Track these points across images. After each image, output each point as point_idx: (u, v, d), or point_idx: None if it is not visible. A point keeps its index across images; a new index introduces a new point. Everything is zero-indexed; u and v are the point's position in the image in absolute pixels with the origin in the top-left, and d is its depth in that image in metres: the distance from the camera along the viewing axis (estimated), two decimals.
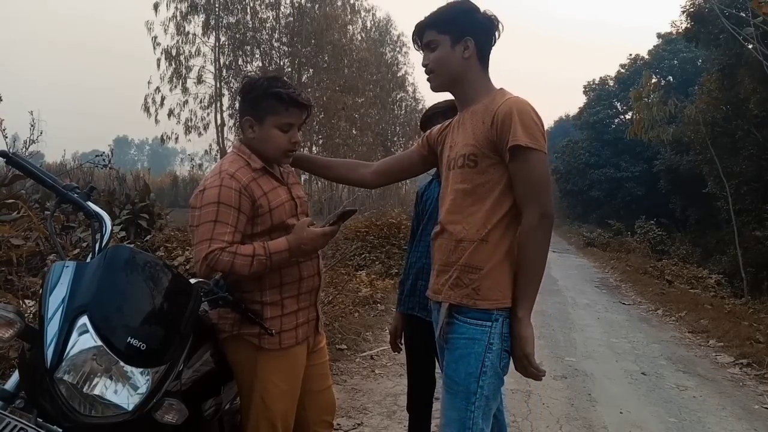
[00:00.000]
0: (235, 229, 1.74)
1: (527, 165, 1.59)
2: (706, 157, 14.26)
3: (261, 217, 1.81)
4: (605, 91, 30.62)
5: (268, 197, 1.82)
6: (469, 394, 1.62)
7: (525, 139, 1.57)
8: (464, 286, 1.65)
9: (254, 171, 1.83)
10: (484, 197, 1.65)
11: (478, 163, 1.66)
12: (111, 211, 6.23)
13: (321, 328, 2.07)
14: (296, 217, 1.93)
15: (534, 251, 1.61)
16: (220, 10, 20.80)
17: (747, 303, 9.44)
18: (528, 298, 1.63)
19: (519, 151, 1.58)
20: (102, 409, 1.32)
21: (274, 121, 1.83)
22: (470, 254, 1.65)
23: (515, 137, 1.57)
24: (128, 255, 1.51)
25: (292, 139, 1.87)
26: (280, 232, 1.84)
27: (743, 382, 4.80)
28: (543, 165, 1.61)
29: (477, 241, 1.65)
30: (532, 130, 1.59)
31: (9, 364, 2.63)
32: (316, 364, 2.04)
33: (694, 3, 13.73)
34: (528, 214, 1.60)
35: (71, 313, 1.34)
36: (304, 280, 1.91)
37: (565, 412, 3.79)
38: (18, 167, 1.65)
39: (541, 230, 1.60)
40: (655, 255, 16.60)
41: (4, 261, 3.68)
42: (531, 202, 1.60)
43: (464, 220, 1.68)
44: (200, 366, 1.75)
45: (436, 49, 1.74)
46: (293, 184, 2.01)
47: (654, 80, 19.80)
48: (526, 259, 1.62)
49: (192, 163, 25.98)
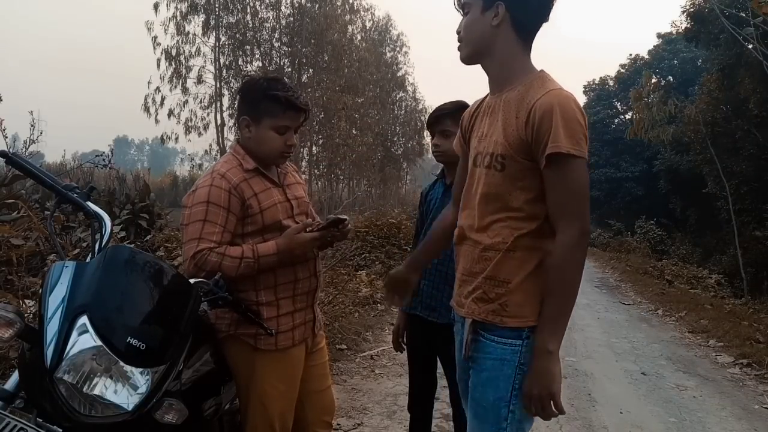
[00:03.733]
0: (224, 228, 1.76)
1: (567, 174, 1.37)
2: (706, 157, 14.27)
3: (251, 217, 1.81)
4: (605, 91, 30.63)
5: (258, 198, 1.82)
6: (499, 419, 1.45)
7: (567, 145, 1.33)
8: (490, 300, 1.46)
9: (246, 171, 1.84)
10: (513, 206, 1.44)
11: (507, 166, 1.43)
12: (111, 211, 6.23)
13: (318, 329, 2.05)
14: (293, 219, 1.92)
15: (571, 272, 1.38)
16: (220, 10, 20.81)
17: (747, 303, 9.45)
18: (560, 327, 1.40)
19: (559, 159, 1.35)
20: (102, 409, 1.32)
21: (271, 123, 1.84)
22: (496, 265, 1.45)
23: (556, 142, 1.34)
24: (128, 255, 1.51)
25: (288, 142, 1.88)
26: (274, 232, 1.84)
27: (743, 382, 4.80)
28: (584, 174, 1.39)
29: (503, 251, 1.45)
30: (575, 134, 1.35)
31: (9, 364, 2.63)
32: (316, 365, 2.05)
33: (694, 3, 13.75)
34: (565, 229, 1.38)
35: (71, 312, 1.34)
36: (300, 281, 1.91)
37: (565, 412, 3.79)
38: (18, 167, 1.65)
39: (579, 249, 1.39)
40: (655, 255, 16.62)
41: (4, 261, 3.68)
42: (569, 215, 1.38)
43: (489, 228, 1.48)
44: (200, 366, 1.75)
45: (468, 13, 1.52)
46: (291, 185, 2.00)
47: (654, 80, 19.81)
48: (562, 280, 1.38)
49: (192, 163, 26.05)
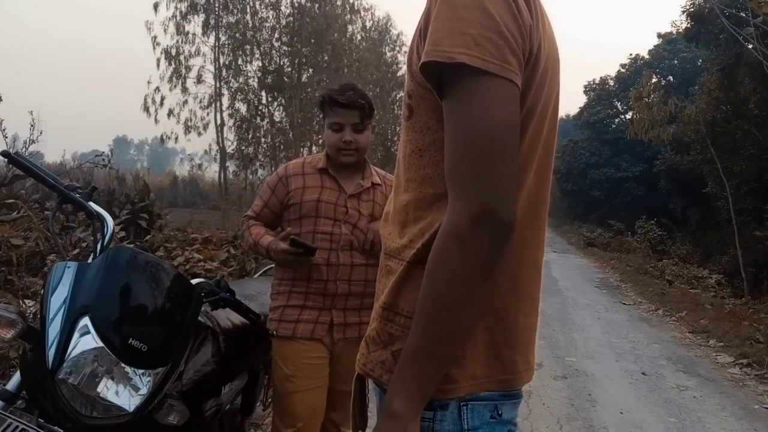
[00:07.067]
0: (264, 204, 2.09)
1: (455, 104, 0.81)
2: (707, 157, 14.26)
3: (292, 206, 2.02)
4: (605, 91, 30.64)
5: (303, 191, 2.02)
6: None
7: (448, 47, 0.78)
8: (381, 344, 0.91)
9: (313, 168, 2.06)
10: (423, 175, 0.90)
11: (414, 109, 0.90)
12: (111, 210, 6.21)
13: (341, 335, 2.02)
14: (336, 222, 2.00)
15: (444, 281, 0.80)
16: (220, 10, 20.79)
17: (747, 303, 9.45)
18: (414, 373, 0.83)
19: (444, 78, 0.81)
20: (103, 410, 1.32)
21: (328, 123, 2.04)
22: (394, 285, 0.90)
23: (429, 45, 0.80)
24: (130, 256, 1.51)
25: (343, 138, 1.99)
26: (309, 224, 2.01)
27: (743, 382, 4.80)
28: (492, 105, 0.78)
29: (406, 261, 0.89)
30: (468, 25, 0.78)
31: (9, 364, 2.64)
32: (344, 366, 2.02)
33: (694, 3, 13.76)
34: (450, 209, 0.81)
35: (73, 314, 1.34)
36: (313, 281, 1.99)
37: (565, 412, 3.79)
38: (20, 167, 1.65)
39: (465, 244, 0.78)
40: (655, 255, 16.61)
41: (4, 261, 3.69)
42: (455, 184, 0.81)
43: (393, 218, 0.97)
44: (201, 366, 1.75)
45: None
46: (365, 201, 2.05)
47: (654, 80, 19.84)
48: (428, 297, 0.82)
49: (192, 163, 25.96)
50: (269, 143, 20.15)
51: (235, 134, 20.87)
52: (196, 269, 5.50)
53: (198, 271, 5.44)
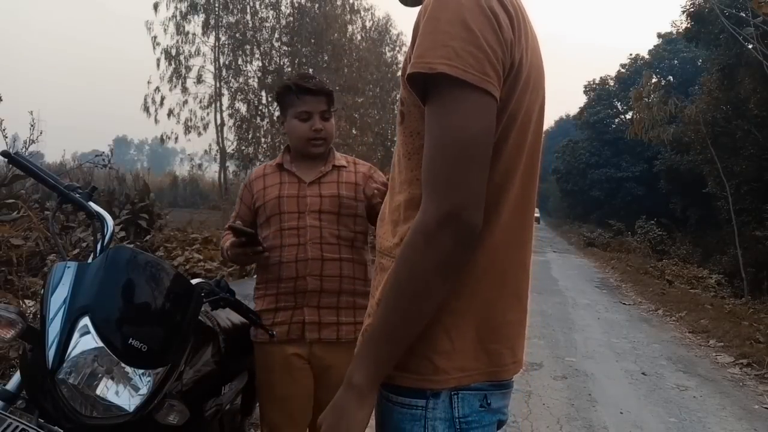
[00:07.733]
0: (237, 215, 2.04)
1: (435, 112, 0.85)
2: (707, 157, 14.28)
3: (259, 209, 1.97)
4: (605, 91, 30.66)
5: (265, 192, 1.95)
6: None
7: (431, 59, 0.83)
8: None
9: (272, 167, 2.00)
10: (412, 177, 0.95)
11: (406, 115, 0.95)
12: (111, 211, 6.22)
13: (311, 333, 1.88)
14: (300, 215, 1.88)
15: (408, 272, 0.86)
16: (220, 10, 20.79)
17: (747, 303, 9.46)
18: (376, 352, 0.90)
19: (429, 88, 0.86)
20: (103, 410, 1.32)
21: (292, 113, 1.93)
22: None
23: (415, 58, 0.86)
24: (130, 256, 1.51)
25: (313, 127, 1.90)
26: (276, 222, 1.94)
27: (743, 382, 4.81)
28: (467, 115, 0.82)
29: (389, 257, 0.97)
30: (450, 38, 0.82)
31: (9, 364, 2.64)
32: (327, 375, 1.93)
33: (694, 3, 13.77)
34: (423, 206, 0.86)
35: (73, 314, 1.34)
36: (283, 281, 1.88)
37: (565, 412, 3.80)
38: (20, 167, 1.64)
39: (430, 243, 0.83)
40: (655, 255, 16.62)
41: (4, 261, 3.69)
42: (429, 185, 0.85)
43: (387, 218, 1.03)
44: (201, 366, 1.75)
45: None
46: (328, 183, 1.93)
47: (654, 80, 19.85)
48: (393, 285, 0.88)
49: (192, 163, 25.92)
50: (269, 143, 20.13)
51: (235, 134, 20.88)
52: (196, 269, 5.51)
53: (198, 271, 5.45)
